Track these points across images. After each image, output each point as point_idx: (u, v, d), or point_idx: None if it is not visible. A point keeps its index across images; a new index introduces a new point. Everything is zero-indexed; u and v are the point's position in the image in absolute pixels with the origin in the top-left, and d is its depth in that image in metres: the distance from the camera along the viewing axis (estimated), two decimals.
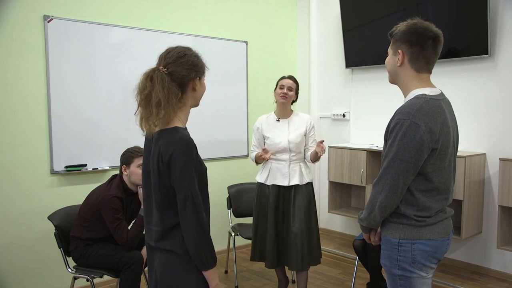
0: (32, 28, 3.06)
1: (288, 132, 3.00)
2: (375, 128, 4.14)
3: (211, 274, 1.57)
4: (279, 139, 2.98)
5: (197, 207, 1.52)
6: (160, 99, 1.49)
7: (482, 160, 3.43)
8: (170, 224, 1.57)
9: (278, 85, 3.03)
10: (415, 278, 1.62)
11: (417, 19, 1.66)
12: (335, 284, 3.53)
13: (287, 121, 3.04)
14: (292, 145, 2.96)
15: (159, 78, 1.51)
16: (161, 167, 1.54)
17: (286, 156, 2.97)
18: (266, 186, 3.01)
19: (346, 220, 4.47)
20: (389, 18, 3.85)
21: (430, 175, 1.58)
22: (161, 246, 1.60)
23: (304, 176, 3.00)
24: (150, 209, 1.65)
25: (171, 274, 1.59)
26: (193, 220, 1.51)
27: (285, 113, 3.06)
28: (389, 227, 1.66)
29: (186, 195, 1.51)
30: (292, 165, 2.98)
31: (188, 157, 1.52)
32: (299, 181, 2.96)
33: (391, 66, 1.71)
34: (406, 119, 1.54)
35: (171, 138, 1.53)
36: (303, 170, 3.01)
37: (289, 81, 3.01)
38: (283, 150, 2.97)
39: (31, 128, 3.09)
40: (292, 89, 3.00)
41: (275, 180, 2.98)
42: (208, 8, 4.04)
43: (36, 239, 3.12)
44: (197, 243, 1.52)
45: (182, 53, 1.59)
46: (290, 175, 2.96)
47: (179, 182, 1.51)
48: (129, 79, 3.61)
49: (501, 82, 3.35)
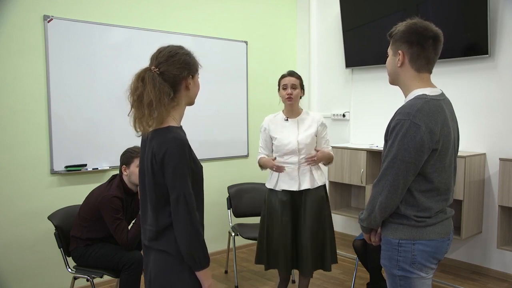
0: (32, 28, 3.06)
1: (298, 132, 2.80)
2: (375, 128, 4.13)
3: (204, 275, 1.56)
4: (288, 139, 2.78)
5: (190, 207, 1.51)
6: (152, 99, 1.49)
7: (482, 160, 3.43)
8: (165, 224, 1.56)
9: (280, 85, 2.83)
10: (415, 279, 1.62)
11: (416, 18, 1.66)
12: (335, 284, 3.53)
13: (296, 121, 2.83)
14: (302, 146, 2.76)
15: (150, 78, 1.51)
16: (154, 167, 1.53)
17: (295, 159, 2.77)
18: (275, 192, 2.81)
19: (346, 220, 4.47)
20: (389, 18, 3.85)
21: (430, 175, 1.58)
22: (154, 246, 1.60)
23: (315, 179, 2.80)
24: (145, 209, 1.65)
25: (165, 274, 1.59)
26: (186, 220, 1.50)
27: (293, 112, 2.85)
28: (389, 228, 1.66)
29: (178, 194, 1.50)
30: (302, 168, 2.78)
31: (181, 157, 1.51)
32: (310, 184, 2.77)
33: (391, 67, 1.70)
34: (406, 119, 1.53)
35: (164, 138, 1.53)
36: (314, 173, 2.80)
37: (291, 78, 2.79)
38: (291, 152, 2.77)
39: (31, 128, 3.09)
40: (296, 87, 2.79)
41: (284, 184, 2.78)
42: (208, 8, 4.04)
43: (36, 239, 3.13)
44: (189, 244, 1.51)
45: (173, 52, 1.58)
46: (300, 179, 2.77)
47: (171, 182, 1.51)
48: (129, 79, 3.63)
49: (501, 82, 3.35)
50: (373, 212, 1.64)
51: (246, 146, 4.37)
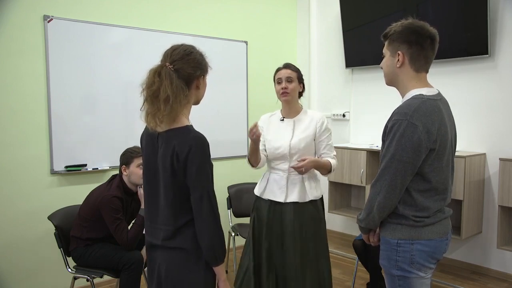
0: (32, 28, 3.06)
1: (292, 135, 2.42)
2: (375, 128, 4.13)
3: (221, 269, 1.61)
4: (279, 143, 2.41)
5: (213, 204, 1.56)
6: (169, 95, 1.50)
7: (482, 160, 3.43)
8: (183, 222, 1.59)
9: (275, 80, 2.47)
10: (414, 279, 1.62)
11: (411, 18, 1.65)
12: (335, 284, 3.52)
13: (292, 121, 2.46)
14: (294, 151, 2.37)
15: (167, 74, 1.52)
16: (175, 166, 1.54)
17: (285, 166, 2.39)
18: (262, 200, 2.46)
19: (346, 220, 4.47)
20: (389, 18, 3.84)
21: (428, 175, 1.58)
22: (169, 244, 1.61)
23: (306, 192, 2.38)
24: (155, 208, 1.65)
25: (179, 270, 1.61)
26: (210, 218, 1.54)
27: (291, 111, 2.48)
28: (387, 228, 1.66)
29: (202, 192, 1.53)
30: (291, 176, 2.38)
31: (204, 156, 1.54)
32: (298, 197, 2.36)
33: (389, 68, 1.70)
34: (403, 119, 1.53)
35: (187, 137, 1.54)
36: (306, 184, 2.39)
37: (286, 71, 2.43)
38: (282, 157, 2.39)
39: (31, 128, 3.09)
40: (292, 80, 2.41)
41: (271, 193, 2.40)
42: (208, 8, 4.04)
43: (36, 239, 3.13)
44: (212, 239, 1.55)
45: (188, 51, 1.60)
46: (288, 189, 2.37)
47: (195, 180, 1.53)
48: (129, 79, 3.65)
49: (501, 82, 3.35)
50: (372, 213, 1.64)
51: (246, 146, 4.36)
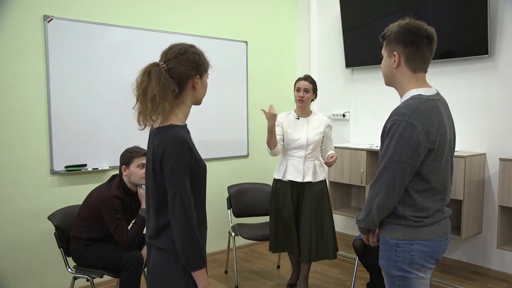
0: (32, 28, 3.06)
1: (308, 130, 3.16)
2: (375, 128, 4.13)
3: (199, 275, 1.55)
4: (298, 135, 3.14)
5: (186, 206, 1.50)
6: (155, 94, 1.50)
7: (482, 160, 3.43)
8: (164, 222, 1.57)
9: (295, 87, 3.19)
10: (413, 279, 1.62)
11: (408, 19, 1.65)
12: (335, 284, 3.53)
13: (306, 120, 3.20)
14: (310, 142, 3.13)
15: (156, 73, 1.52)
16: (155, 165, 1.54)
17: (302, 153, 3.13)
18: (282, 182, 3.17)
19: (346, 220, 4.47)
20: (389, 18, 3.81)
21: (427, 175, 1.58)
22: (154, 243, 1.62)
23: (317, 173, 3.16)
24: (148, 207, 1.67)
25: (161, 271, 1.60)
26: (181, 219, 1.50)
27: (303, 112, 3.22)
28: (387, 228, 1.66)
29: (175, 193, 1.50)
30: (307, 162, 3.14)
31: (179, 155, 1.51)
32: (312, 178, 3.12)
33: (386, 68, 1.70)
34: (402, 120, 1.53)
35: (163, 136, 1.53)
36: (317, 168, 3.17)
37: (304, 82, 3.15)
38: (299, 147, 3.13)
39: (31, 128, 3.09)
40: (308, 91, 3.14)
41: (291, 176, 3.13)
42: (208, 8, 4.04)
43: (36, 239, 3.13)
44: (184, 243, 1.51)
45: (183, 50, 1.59)
46: (304, 171, 3.12)
47: (169, 180, 1.51)
48: (129, 79, 3.59)
49: (501, 82, 3.35)
50: (371, 213, 1.64)
51: (246, 146, 4.36)
